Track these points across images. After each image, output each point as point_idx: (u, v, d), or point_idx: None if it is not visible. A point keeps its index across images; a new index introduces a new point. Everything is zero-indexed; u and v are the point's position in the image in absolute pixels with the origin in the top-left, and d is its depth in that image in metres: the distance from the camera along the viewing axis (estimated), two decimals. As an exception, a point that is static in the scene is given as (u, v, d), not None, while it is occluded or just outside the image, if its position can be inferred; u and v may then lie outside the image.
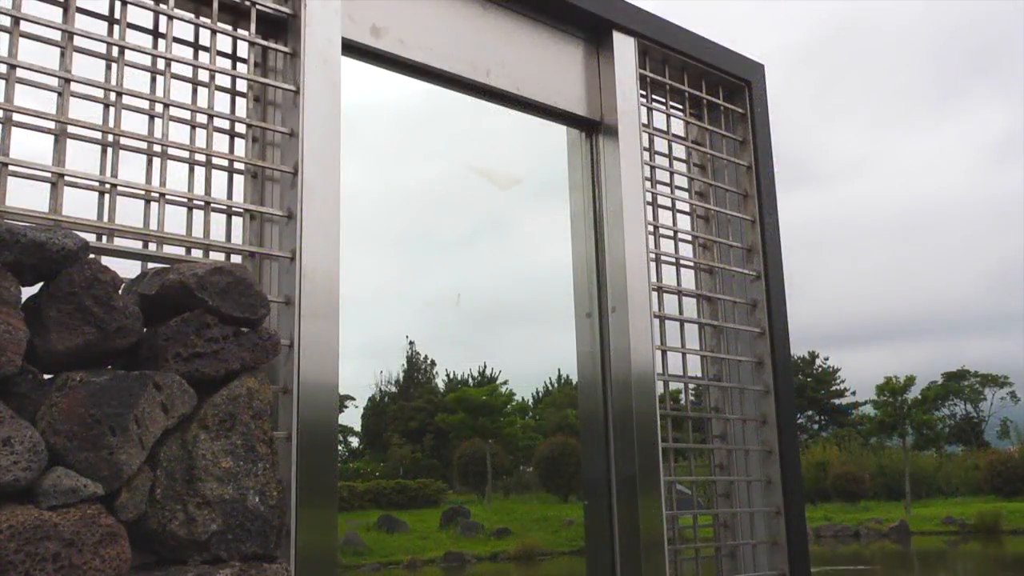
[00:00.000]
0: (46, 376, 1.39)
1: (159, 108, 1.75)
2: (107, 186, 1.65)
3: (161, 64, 1.78)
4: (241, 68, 1.93)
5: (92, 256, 1.48)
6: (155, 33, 1.81)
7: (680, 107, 2.83)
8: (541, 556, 29.93)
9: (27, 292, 1.40)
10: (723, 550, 2.61)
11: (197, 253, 1.76)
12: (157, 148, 1.74)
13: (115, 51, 1.72)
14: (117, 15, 1.75)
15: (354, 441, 56.00)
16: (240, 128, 1.90)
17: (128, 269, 1.64)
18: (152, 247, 1.69)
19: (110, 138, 1.69)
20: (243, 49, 1.93)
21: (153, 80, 1.77)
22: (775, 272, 2.79)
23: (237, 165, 1.88)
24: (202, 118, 1.82)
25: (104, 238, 1.63)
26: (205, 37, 1.88)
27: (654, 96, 2.75)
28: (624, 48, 2.60)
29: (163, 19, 1.81)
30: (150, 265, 1.67)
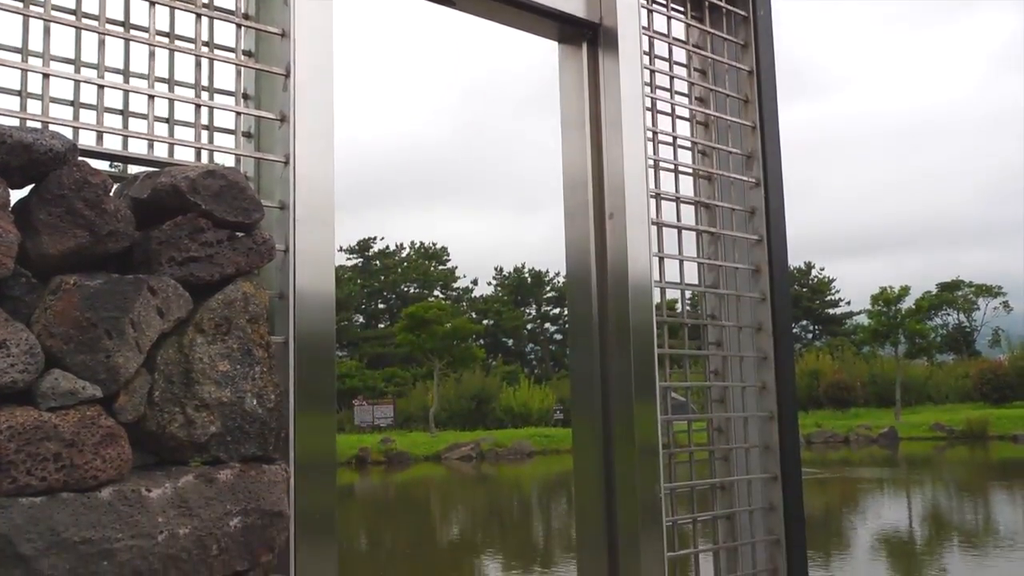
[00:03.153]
0: (39, 280, 1.38)
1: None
2: (95, 87, 1.62)
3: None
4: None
5: (81, 158, 1.45)
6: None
7: (681, 9, 2.75)
8: (531, 453, 30.63)
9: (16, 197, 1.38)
10: (716, 454, 2.65)
11: (189, 158, 1.73)
12: (146, 48, 1.69)
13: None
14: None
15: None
16: (230, 27, 1.85)
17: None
18: (143, 149, 1.66)
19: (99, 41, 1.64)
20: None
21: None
22: (774, 179, 2.76)
23: (228, 67, 1.84)
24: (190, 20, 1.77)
25: (92, 139, 1.60)
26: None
27: (655, -3, 2.67)
28: (625, -54, 2.51)
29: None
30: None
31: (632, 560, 2.27)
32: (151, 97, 1.68)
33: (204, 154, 1.76)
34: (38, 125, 1.50)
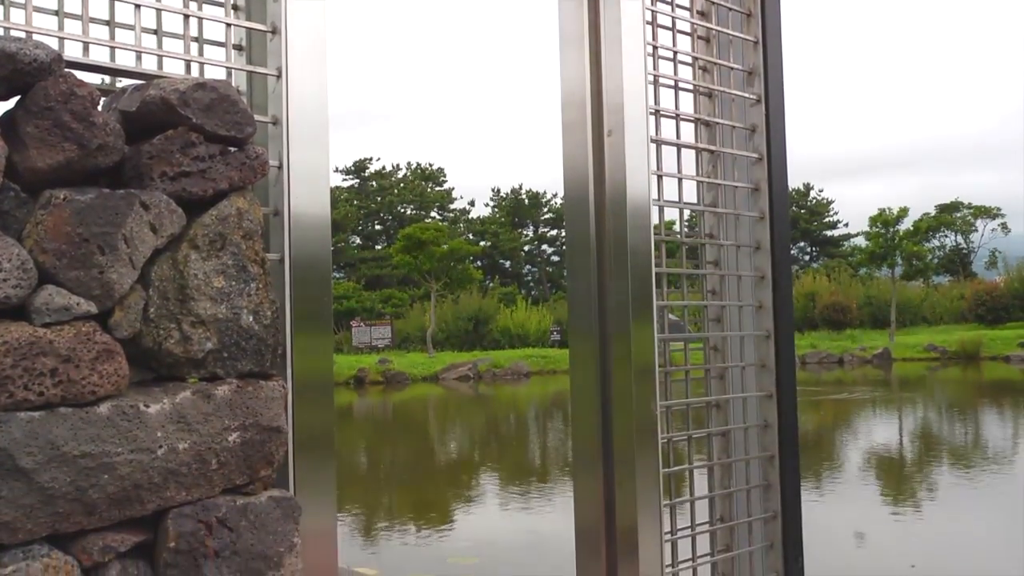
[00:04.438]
0: (28, 195, 1.36)
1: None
2: (79, -4, 1.57)
3: None
4: None
5: (67, 70, 1.41)
6: None
7: (684, -83, 2.67)
8: (528, 374, 30.97)
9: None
10: (713, 372, 2.67)
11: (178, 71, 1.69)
12: (130, -45, 1.64)
13: None
14: None
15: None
16: (217, -65, 1.79)
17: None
18: (131, 61, 1.63)
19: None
20: None
21: None
22: (776, 96, 2.71)
23: (216, -25, 1.78)
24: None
25: (79, 51, 1.56)
26: None
27: (657, -95, 2.58)
28: None
29: None
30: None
31: (627, 475, 2.31)
32: (138, 7, 1.63)
33: (194, 67, 1.73)
34: (21, 35, 1.46)
